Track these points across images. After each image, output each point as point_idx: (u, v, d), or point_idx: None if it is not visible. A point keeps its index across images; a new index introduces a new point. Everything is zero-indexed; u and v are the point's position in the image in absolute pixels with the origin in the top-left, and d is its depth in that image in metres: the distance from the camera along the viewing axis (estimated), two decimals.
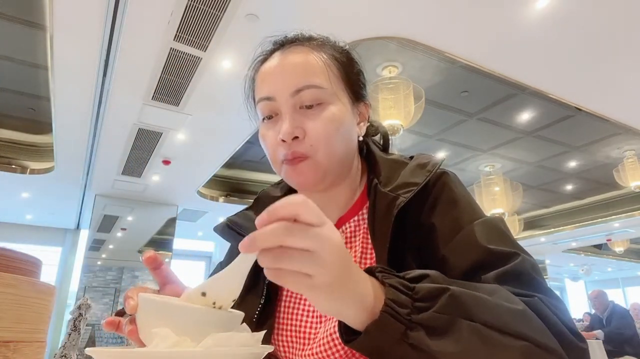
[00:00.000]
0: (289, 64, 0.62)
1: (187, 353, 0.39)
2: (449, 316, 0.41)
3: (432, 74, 4.06)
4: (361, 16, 2.98)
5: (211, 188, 6.81)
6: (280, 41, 0.67)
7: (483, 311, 0.42)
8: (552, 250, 10.65)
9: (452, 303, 0.42)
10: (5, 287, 0.51)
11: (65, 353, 3.64)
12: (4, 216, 8.19)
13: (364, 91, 0.69)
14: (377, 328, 0.41)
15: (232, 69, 3.54)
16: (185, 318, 0.41)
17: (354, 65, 0.68)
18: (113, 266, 6.74)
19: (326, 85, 0.61)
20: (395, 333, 0.41)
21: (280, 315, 0.64)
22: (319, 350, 0.57)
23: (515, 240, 0.55)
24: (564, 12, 2.94)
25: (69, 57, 3.43)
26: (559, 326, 0.43)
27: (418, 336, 0.41)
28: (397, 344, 0.41)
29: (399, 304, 0.42)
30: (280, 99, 0.60)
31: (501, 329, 0.41)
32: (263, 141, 0.64)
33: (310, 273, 0.37)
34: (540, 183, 7.12)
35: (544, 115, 4.82)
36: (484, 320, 0.41)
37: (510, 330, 0.41)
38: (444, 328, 0.41)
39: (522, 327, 0.41)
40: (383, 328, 0.41)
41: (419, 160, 0.64)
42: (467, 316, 0.41)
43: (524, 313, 0.43)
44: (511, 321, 0.42)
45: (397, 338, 0.41)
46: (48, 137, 5.08)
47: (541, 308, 0.44)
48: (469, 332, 0.40)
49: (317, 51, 0.63)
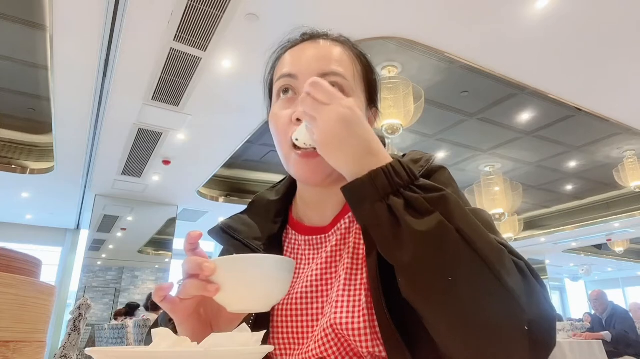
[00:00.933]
0: (319, 49, 0.63)
1: (187, 353, 0.39)
2: (432, 207, 0.46)
3: (432, 74, 4.06)
4: (361, 16, 2.99)
5: (211, 188, 6.81)
6: (312, 33, 0.68)
7: (463, 223, 0.45)
8: (552, 250, 10.66)
9: (440, 201, 0.46)
10: (5, 287, 0.51)
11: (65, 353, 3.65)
12: (4, 216, 8.20)
13: (377, 98, 0.70)
14: (370, 178, 0.47)
15: (232, 69, 3.54)
16: (259, 267, 0.46)
17: (373, 72, 0.70)
18: (113, 266, 6.74)
19: (350, 78, 0.62)
20: (381, 189, 0.47)
21: (275, 319, 0.64)
22: (314, 347, 0.58)
23: (496, 227, 0.56)
24: (564, 13, 2.94)
25: (69, 57, 3.43)
26: (532, 283, 0.45)
27: (397, 203, 0.46)
28: (379, 201, 0.47)
29: (397, 174, 0.47)
30: (303, 78, 0.60)
31: (466, 239, 0.44)
32: (274, 122, 0.63)
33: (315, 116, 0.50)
34: (540, 183, 7.12)
35: (544, 115, 4.82)
36: (459, 228, 0.45)
37: (476, 246, 0.44)
38: (422, 211, 0.45)
39: (489, 252, 0.44)
40: (374, 181, 0.47)
41: (412, 156, 0.65)
42: (447, 216, 0.45)
43: (500, 249, 0.46)
44: (484, 246, 0.44)
45: (381, 195, 0.47)
46: (48, 137, 5.08)
47: (522, 266, 0.46)
48: (439, 226, 0.44)
49: (347, 48, 0.66)
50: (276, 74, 0.65)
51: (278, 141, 0.62)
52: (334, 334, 0.56)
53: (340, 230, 0.65)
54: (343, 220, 0.66)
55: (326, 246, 0.66)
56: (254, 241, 0.68)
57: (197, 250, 0.52)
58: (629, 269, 14.20)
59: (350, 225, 0.65)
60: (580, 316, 10.00)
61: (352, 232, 0.64)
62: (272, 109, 0.64)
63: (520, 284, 0.44)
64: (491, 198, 6.23)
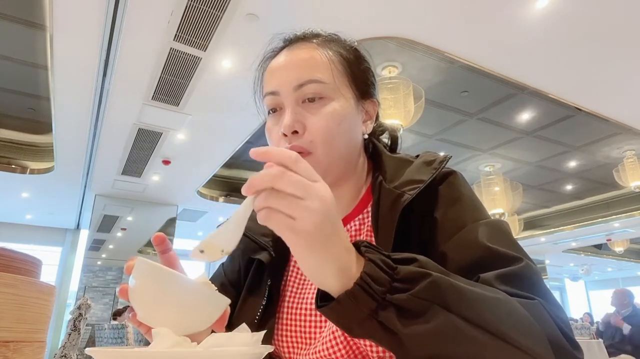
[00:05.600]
0: (294, 60, 0.62)
1: (187, 353, 0.38)
2: (426, 301, 0.40)
3: (432, 74, 4.06)
4: (361, 16, 2.99)
5: (211, 188, 6.81)
6: (289, 38, 0.67)
7: (464, 304, 0.40)
8: (552, 250, 10.66)
9: (431, 289, 0.41)
10: (5, 287, 0.51)
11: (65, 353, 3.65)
12: (4, 216, 8.20)
13: (372, 89, 0.68)
14: (348, 299, 0.41)
15: (232, 69, 3.54)
16: (175, 286, 0.42)
17: (361, 62, 0.67)
18: (113, 266, 6.75)
19: (329, 80, 0.61)
20: (366, 307, 0.41)
21: (282, 316, 0.64)
22: (322, 348, 0.57)
23: (520, 246, 0.53)
24: (564, 13, 2.94)
25: (69, 57, 3.43)
26: (554, 332, 0.42)
27: (389, 316, 0.40)
28: (367, 319, 0.41)
29: (375, 280, 0.41)
30: (283, 93, 0.61)
31: (479, 325, 0.39)
32: (268, 135, 0.65)
33: (295, 216, 0.39)
34: (540, 183, 7.12)
35: (544, 115, 4.82)
36: (462, 313, 0.40)
37: (491, 328, 0.39)
38: (418, 312, 0.40)
39: (507, 328, 0.40)
40: (354, 301, 0.41)
41: (425, 157, 0.63)
42: (445, 305, 0.40)
43: (514, 313, 0.41)
44: (494, 319, 0.40)
45: (367, 314, 0.41)
46: (48, 137, 5.08)
47: (539, 311, 0.43)
48: (442, 320, 0.39)
49: (322, 48, 0.64)
50: (264, 88, 0.65)
51: None
52: (343, 336, 0.56)
53: (350, 231, 0.65)
54: (353, 222, 0.65)
55: None
56: (262, 237, 0.68)
57: (165, 254, 0.53)
58: (629, 269, 14.20)
59: (360, 227, 0.65)
60: (580, 316, 10.01)
61: (362, 235, 0.64)
62: (267, 123, 0.65)
63: (541, 340, 0.41)
64: (491, 198, 6.22)
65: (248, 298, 0.68)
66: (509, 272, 0.47)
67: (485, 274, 0.48)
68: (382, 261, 0.42)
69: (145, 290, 0.42)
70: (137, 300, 0.43)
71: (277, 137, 0.62)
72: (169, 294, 0.41)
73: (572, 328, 0.45)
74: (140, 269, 0.42)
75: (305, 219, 0.39)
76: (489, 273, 0.48)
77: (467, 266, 0.50)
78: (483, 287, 0.44)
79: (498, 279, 0.47)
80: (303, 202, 0.39)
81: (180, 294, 0.41)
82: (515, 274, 0.47)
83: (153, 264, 0.42)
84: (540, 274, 0.50)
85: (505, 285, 0.46)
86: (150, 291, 0.42)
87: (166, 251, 0.53)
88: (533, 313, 0.42)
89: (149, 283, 0.42)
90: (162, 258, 0.53)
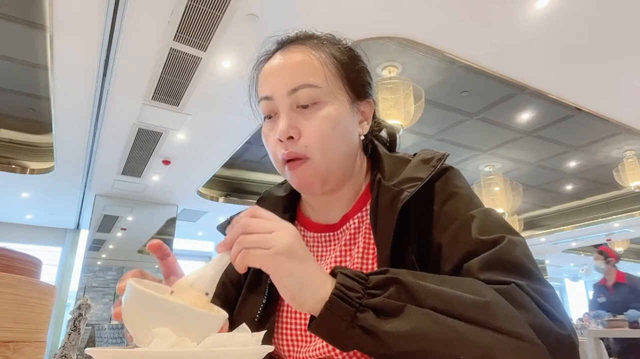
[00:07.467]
0: (286, 64, 0.62)
1: (187, 353, 0.38)
2: (399, 302, 0.43)
3: (432, 74, 4.06)
4: (361, 16, 2.98)
5: (211, 188, 6.81)
6: (282, 40, 0.67)
7: (436, 300, 0.43)
8: (552, 250, 10.65)
9: (402, 291, 0.44)
10: (5, 287, 0.51)
11: (65, 353, 3.64)
12: (4, 216, 8.19)
13: (367, 89, 0.67)
14: (328, 310, 0.44)
15: (232, 69, 3.54)
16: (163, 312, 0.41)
17: (356, 63, 0.67)
18: (113, 266, 6.74)
19: (322, 84, 0.60)
20: (345, 315, 0.44)
21: (282, 314, 0.64)
22: (322, 346, 0.58)
23: (507, 223, 0.55)
24: (564, 12, 2.93)
25: (69, 57, 3.43)
26: (534, 312, 0.43)
27: (367, 317, 0.43)
28: (350, 328, 0.44)
29: (350, 288, 0.44)
30: (278, 99, 0.61)
31: (451, 314, 0.42)
32: (265, 141, 0.65)
33: (268, 246, 0.44)
34: (540, 183, 7.12)
35: (544, 115, 4.82)
36: (436, 307, 0.42)
37: (467, 316, 0.42)
38: (393, 311, 0.43)
39: (480, 316, 0.42)
40: (333, 310, 0.44)
41: (423, 155, 0.64)
42: (418, 303, 0.43)
43: (486, 305, 0.43)
44: (465, 310, 0.42)
45: (349, 321, 0.44)
46: (48, 137, 5.08)
47: (515, 294, 0.44)
48: (418, 314, 0.42)
49: (315, 50, 0.63)
50: (258, 92, 0.65)
51: (271, 157, 0.64)
52: None
53: (349, 230, 0.65)
54: (352, 220, 0.66)
55: (335, 244, 0.66)
56: None
57: (164, 259, 0.53)
58: (629, 270, 14.18)
59: (359, 225, 0.65)
60: (580, 316, 9.99)
61: (361, 232, 0.64)
62: (263, 129, 0.65)
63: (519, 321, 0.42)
64: (491, 198, 6.22)
65: (248, 296, 0.68)
66: (489, 257, 0.50)
67: (469, 263, 0.50)
68: (353, 274, 0.46)
69: (135, 314, 0.42)
70: (127, 322, 0.43)
71: (273, 142, 0.62)
72: (157, 319, 0.40)
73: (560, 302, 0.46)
74: (129, 293, 0.42)
75: (279, 244, 0.44)
76: (471, 261, 0.50)
77: (462, 259, 0.52)
78: (458, 281, 0.46)
79: (479, 267, 0.49)
80: (273, 234, 0.45)
81: (169, 320, 0.41)
82: (496, 258, 0.49)
83: (141, 290, 0.41)
84: (522, 245, 0.52)
85: (490, 271, 0.48)
86: (139, 315, 0.42)
87: (164, 256, 0.53)
88: (511, 297, 0.44)
89: (138, 307, 0.42)
90: (161, 264, 0.53)
